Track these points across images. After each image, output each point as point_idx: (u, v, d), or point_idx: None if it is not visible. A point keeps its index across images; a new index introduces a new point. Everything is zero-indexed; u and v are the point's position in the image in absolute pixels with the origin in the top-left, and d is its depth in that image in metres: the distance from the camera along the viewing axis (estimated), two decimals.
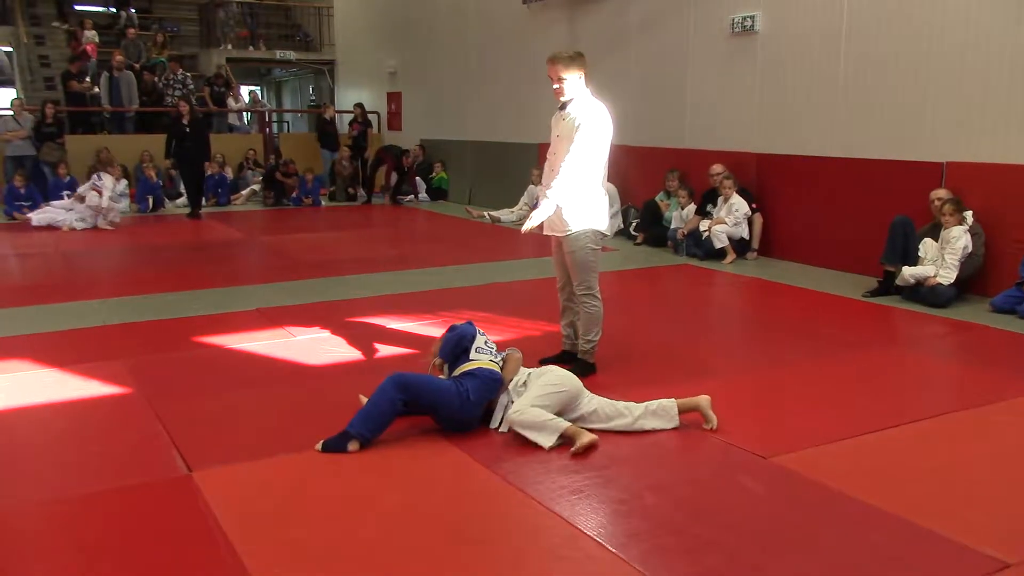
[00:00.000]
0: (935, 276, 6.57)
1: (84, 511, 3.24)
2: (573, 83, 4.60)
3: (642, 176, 10.42)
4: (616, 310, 6.97)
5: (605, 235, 4.86)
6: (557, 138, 4.70)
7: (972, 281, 6.74)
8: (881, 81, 7.69)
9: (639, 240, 9.76)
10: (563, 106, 4.67)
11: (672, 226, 9.37)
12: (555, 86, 4.62)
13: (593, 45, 11.32)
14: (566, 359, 4.91)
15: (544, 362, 4.72)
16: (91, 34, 16.33)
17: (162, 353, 5.34)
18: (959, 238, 6.56)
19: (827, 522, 3.12)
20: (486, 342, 4.24)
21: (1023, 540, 2.96)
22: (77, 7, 19.90)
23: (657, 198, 9.83)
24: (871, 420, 4.12)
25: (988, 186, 6.85)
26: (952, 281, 6.52)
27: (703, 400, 4.02)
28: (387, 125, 17.16)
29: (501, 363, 4.13)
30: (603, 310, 4.83)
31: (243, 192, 14.60)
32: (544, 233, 4.79)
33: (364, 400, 3.94)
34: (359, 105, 15.84)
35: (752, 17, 8.88)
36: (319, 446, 3.74)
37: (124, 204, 13.31)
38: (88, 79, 15.12)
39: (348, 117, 16.21)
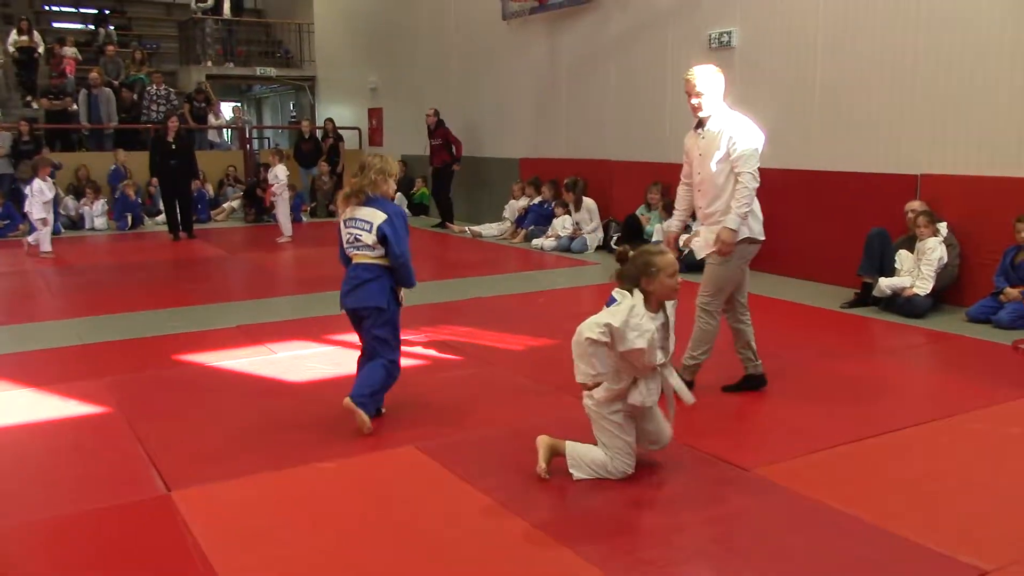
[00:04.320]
0: (912, 287, 6.64)
1: (62, 533, 3.21)
2: (711, 98, 4.49)
3: (623, 190, 10.48)
4: None
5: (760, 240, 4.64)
6: (700, 157, 4.56)
7: (948, 291, 6.81)
8: (855, 95, 7.78)
9: None
10: (700, 124, 4.56)
11: (653, 239, 9.42)
12: (693, 101, 4.51)
13: (573, 60, 11.43)
14: (752, 384, 4.75)
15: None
16: (71, 51, 16.26)
17: (141, 371, 5.31)
18: (934, 249, 6.64)
19: (809, 533, 3.14)
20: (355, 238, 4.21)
21: (1000, 547, 2.99)
22: (56, 24, 19.85)
23: (638, 212, 9.87)
24: (850, 430, 4.15)
25: (962, 198, 6.94)
26: (928, 292, 6.59)
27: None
28: (368, 141, 17.19)
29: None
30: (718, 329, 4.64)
31: (225, 206, 14.59)
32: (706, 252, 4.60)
33: None
34: (330, 120, 15.84)
35: (729, 33, 8.97)
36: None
37: (103, 222, 13.27)
38: (67, 96, 15.04)
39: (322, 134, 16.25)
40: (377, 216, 4.17)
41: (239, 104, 22.94)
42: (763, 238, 4.63)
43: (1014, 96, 6.61)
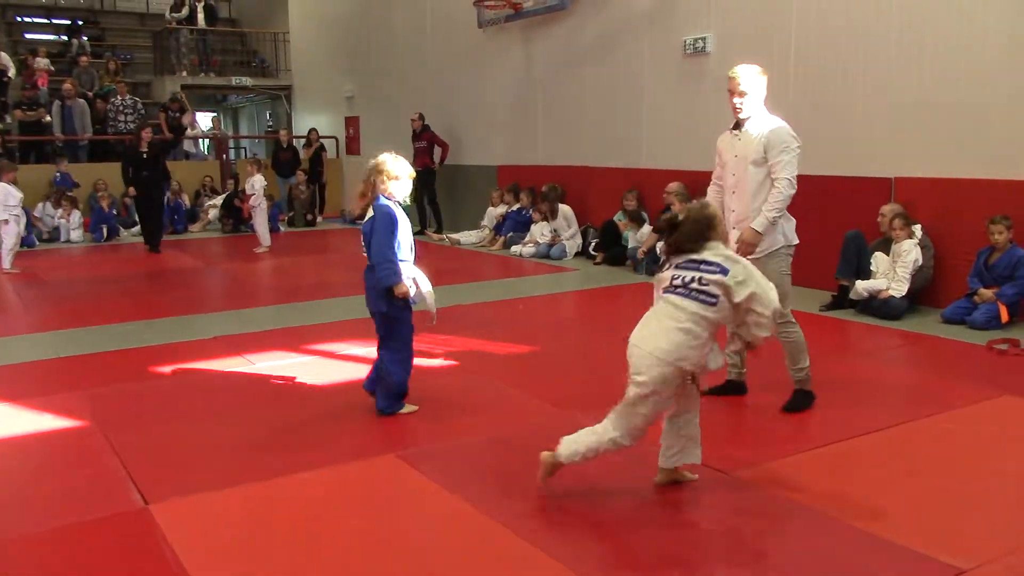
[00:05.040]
0: (887, 289, 6.71)
1: (38, 548, 3.16)
2: (754, 100, 4.36)
3: (600, 196, 10.52)
4: (579, 330, 7.02)
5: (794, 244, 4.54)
6: (735, 160, 4.45)
7: (923, 293, 6.89)
8: (830, 99, 7.86)
9: (598, 260, 9.83)
10: (737, 125, 4.47)
11: (630, 245, 9.47)
12: (736, 101, 4.36)
13: (549, 67, 11.47)
14: (732, 389, 4.69)
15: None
16: (43, 62, 16.11)
17: (118, 384, 5.25)
18: (909, 251, 6.72)
19: (788, 534, 3.16)
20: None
21: (978, 546, 3.02)
22: (28, 35, 19.67)
23: (615, 218, 9.92)
24: (828, 432, 4.19)
25: (936, 200, 7.03)
26: (904, 293, 6.66)
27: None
28: (346, 150, 17.15)
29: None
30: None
31: (206, 210, 14.53)
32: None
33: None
34: (313, 130, 15.84)
35: (703, 39, 9.05)
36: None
37: (79, 235, 13.15)
38: (40, 107, 14.88)
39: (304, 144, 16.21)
40: (369, 214, 4.36)
41: (216, 115, 22.83)
42: (797, 241, 4.56)
43: (986, 99, 6.71)
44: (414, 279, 4.42)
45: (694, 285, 3.26)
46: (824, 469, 3.76)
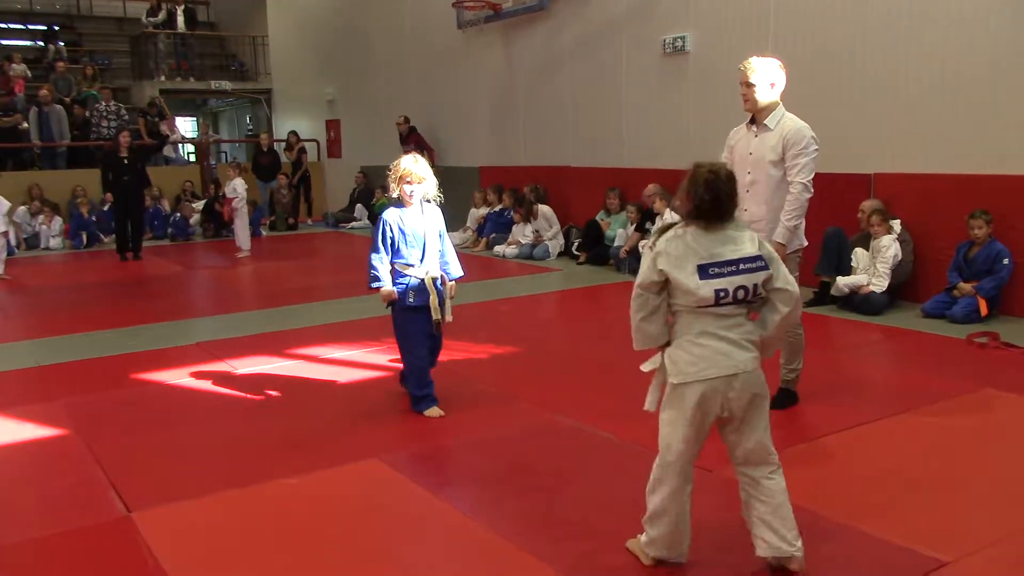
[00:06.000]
0: (868, 284, 6.75)
1: (19, 559, 3.14)
2: (765, 93, 4.24)
3: (582, 196, 10.54)
4: (563, 330, 7.03)
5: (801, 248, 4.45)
6: (751, 157, 4.34)
7: (903, 288, 6.94)
8: (808, 96, 7.87)
9: (581, 259, 9.84)
10: (753, 120, 4.36)
11: (615, 244, 9.48)
12: (742, 92, 4.26)
13: (528, 68, 11.48)
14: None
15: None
16: (20, 68, 15.96)
17: (99, 392, 5.21)
18: (888, 247, 6.76)
19: None
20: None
21: (958, 538, 3.05)
22: (4, 41, 19.48)
23: (598, 217, 9.93)
24: (810, 427, 4.21)
25: (915, 195, 7.08)
26: (884, 289, 6.71)
27: None
28: (327, 152, 17.09)
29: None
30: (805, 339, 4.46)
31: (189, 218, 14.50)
32: None
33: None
34: (293, 133, 15.80)
35: (682, 38, 9.08)
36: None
37: (59, 242, 13.04)
38: (16, 113, 14.74)
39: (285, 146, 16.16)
40: None
41: (204, 120, 22.68)
42: (807, 243, 4.53)
43: (963, 95, 6.76)
44: (419, 282, 4.58)
45: (750, 299, 2.85)
46: (806, 464, 3.77)
